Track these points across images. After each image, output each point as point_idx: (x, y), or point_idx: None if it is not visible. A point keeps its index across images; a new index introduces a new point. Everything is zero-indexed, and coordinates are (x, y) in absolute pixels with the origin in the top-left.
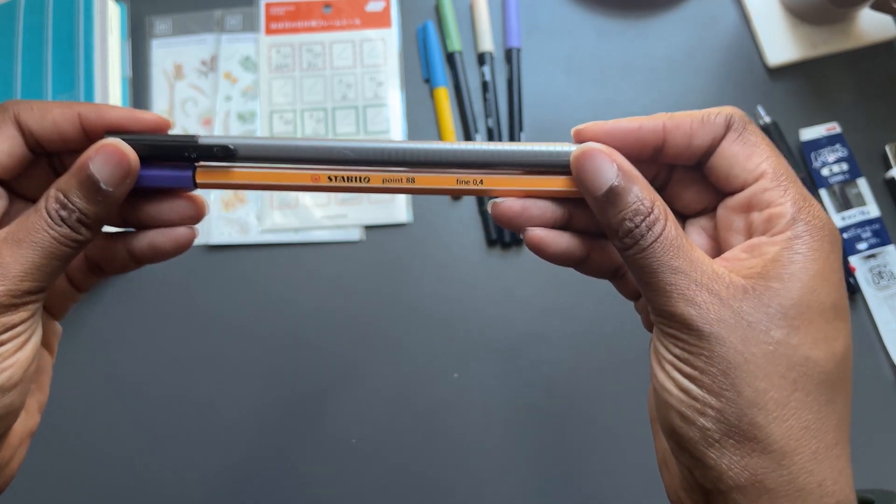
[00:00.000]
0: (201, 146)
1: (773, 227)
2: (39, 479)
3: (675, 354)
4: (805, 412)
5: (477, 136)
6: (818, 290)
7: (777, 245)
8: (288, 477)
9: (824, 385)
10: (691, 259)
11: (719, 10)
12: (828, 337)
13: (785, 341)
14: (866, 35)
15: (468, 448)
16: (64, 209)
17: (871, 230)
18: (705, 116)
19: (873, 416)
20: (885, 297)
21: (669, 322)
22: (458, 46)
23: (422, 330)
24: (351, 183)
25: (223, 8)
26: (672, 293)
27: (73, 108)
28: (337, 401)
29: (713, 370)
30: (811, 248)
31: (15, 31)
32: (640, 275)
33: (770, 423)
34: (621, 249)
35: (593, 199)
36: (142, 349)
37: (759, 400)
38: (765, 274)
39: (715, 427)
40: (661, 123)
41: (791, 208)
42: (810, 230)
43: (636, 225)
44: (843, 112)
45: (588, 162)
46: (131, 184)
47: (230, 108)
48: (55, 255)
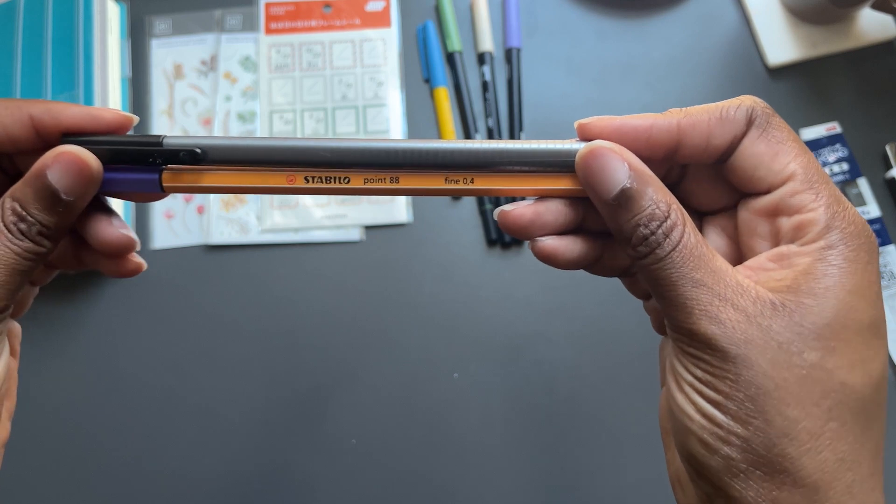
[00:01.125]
0: (166, 151)
1: (805, 235)
2: (40, 479)
3: (696, 376)
4: (840, 443)
5: (477, 135)
6: (855, 307)
7: (809, 256)
8: (288, 477)
9: (861, 413)
10: (714, 270)
11: (719, 10)
12: (865, 359)
13: (819, 365)
14: (866, 35)
15: (468, 448)
16: (23, 222)
17: None
18: (724, 112)
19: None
20: (885, 297)
21: (690, 341)
22: (458, 46)
23: (422, 330)
24: (329, 184)
25: (223, 8)
26: (693, 309)
27: (22, 108)
28: (337, 401)
29: (740, 395)
30: (847, 259)
31: (15, 31)
32: (657, 287)
33: (802, 456)
34: (635, 258)
35: (602, 204)
36: (141, 349)
37: (790, 430)
38: (796, 288)
39: (741, 457)
40: (675, 122)
41: (824, 214)
42: (846, 239)
43: (651, 231)
44: (843, 112)
45: (596, 162)
46: (94, 191)
47: (230, 108)
48: (18, 270)
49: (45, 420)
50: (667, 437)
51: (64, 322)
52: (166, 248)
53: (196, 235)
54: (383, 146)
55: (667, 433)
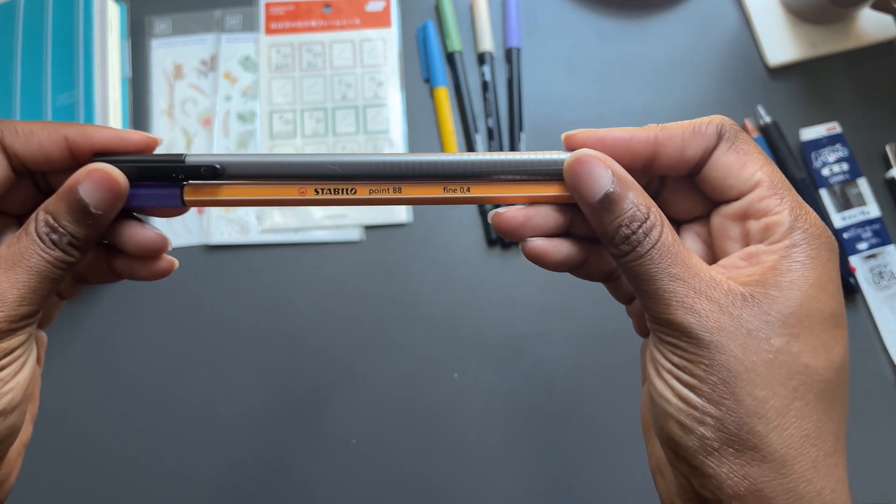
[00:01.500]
0: (188, 166)
1: (771, 236)
2: (40, 480)
3: (673, 363)
4: (805, 421)
5: (477, 135)
6: (817, 298)
7: (775, 253)
8: (288, 477)
9: (824, 393)
10: (689, 266)
11: (719, 10)
12: (826, 345)
13: (785, 349)
14: (866, 35)
15: (468, 448)
16: (54, 233)
17: (871, 230)
18: (696, 127)
19: (873, 416)
20: (885, 297)
21: (668, 330)
22: (458, 46)
23: (422, 330)
24: (338, 195)
25: (223, 8)
26: (671, 301)
27: (59, 130)
28: (337, 401)
29: (713, 378)
30: (809, 256)
31: (15, 31)
32: (637, 282)
33: (770, 433)
34: (617, 256)
35: (588, 207)
36: (141, 349)
37: (759, 409)
38: (763, 282)
39: (714, 436)
40: (652, 135)
41: (788, 217)
42: (808, 238)
43: (633, 231)
44: (844, 112)
45: (582, 168)
46: (121, 206)
47: (230, 108)
48: (49, 277)
49: (45, 420)
50: (647, 431)
51: (64, 322)
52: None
53: (196, 235)
54: (387, 160)
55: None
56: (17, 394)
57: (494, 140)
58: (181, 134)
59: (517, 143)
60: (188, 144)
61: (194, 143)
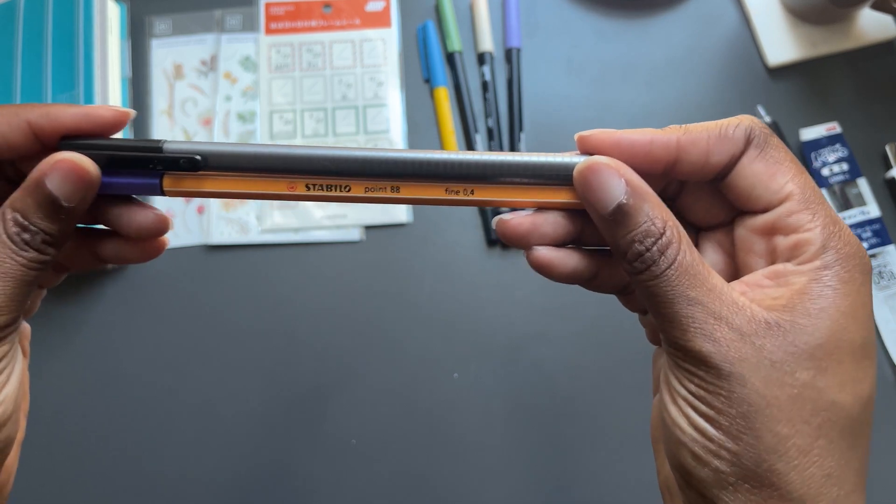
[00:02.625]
0: (166, 158)
1: (801, 255)
2: (39, 479)
3: (689, 391)
4: (828, 460)
5: (477, 135)
6: (848, 329)
7: (805, 275)
8: (288, 476)
9: (848, 430)
10: (709, 288)
11: (719, 10)
12: (855, 379)
13: (811, 384)
14: (866, 35)
15: (468, 448)
16: (25, 231)
17: (871, 230)
18: (723, 130)
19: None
20: (885, 297)
21: (685, 356)
22: (458, 46)
23: (422, 330)
24: (330, 192)
25: (223, 8)
26: (689, 327)
27: (19, 114)
28: (337, 401)
29: (732, 412)
30: (842, 280)
31: (15, 31)
32: (653, 303)
33: (790, 472)
34: (631, 273)
35: (599, 218)
36: (142, 349)
37: (780, 446)
38: (791, 307)
39: (730, 470)
40: (674, 138)
41: (821, 234)
42: (841, 259)
43: (647, 248)
44: (843, 112)
45: (594, 177)
46: (93, 196)
47: (230, 108)
48: (25, 281)
49: (44, 420)
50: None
51: (64, 322)
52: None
53: (196, 235)
54: (384, 156)
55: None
56: (7, 405)
57: (494, 140)
58: (181, 134)
59: (517, 143)
60: None
61: None
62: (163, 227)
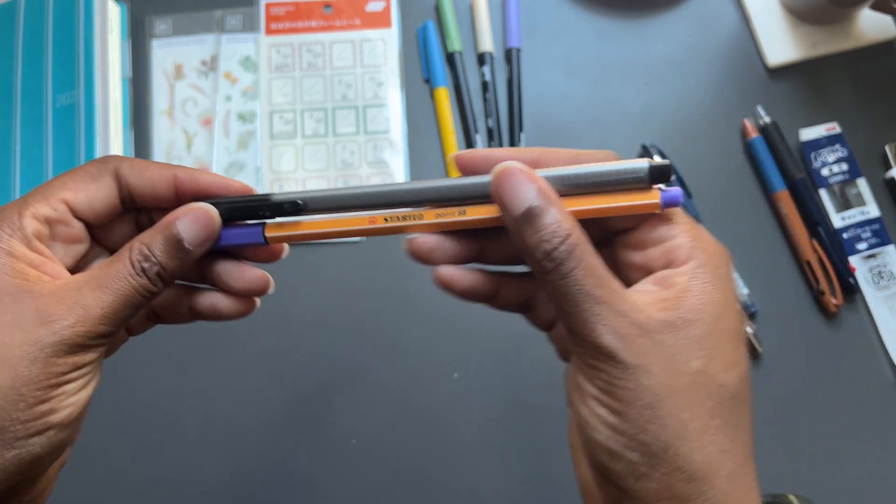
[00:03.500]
0: (274, 204)
1: (675, 260)
2: None
3: (599, 388)
4: (721, 437)
5: (477, 135)
6: (725, 318)
7: (684, 275)
8: (288, 476)
9: (735, 408)
10: (613, 289)
11: (719, 10)
12: (735, 361)
13: (703, 370)
14: (866, 35)
15: (468, 448)
16: (146, 261)
17: (870, 230)
18: (578, 156)
19: (873, 415)
20: (885, 297)
21: (593, 353)
22: (458, 46)
23: (422, 330)
24: (406, 222)
25: (223, 8)
26: (597, 325)
27: (170, 169)
28: (337, 401)
29: (639, 403)
30: (715, 276)
31: (15, 31)
32: (561, 302)
33: (692, 452)
34: (541, 273)
35: (511, 219)
36: (141, 349)
37: (682, 430)
38: (679, 306)
39: (643, 460)
40: (536, 155)
41: (686, 240)
42: (709, 259)
43: (554, 247)
44: (843, 112)
45: (507, 179)
46: (210, 244)
47: (230, 108)
48: (131, 303)
49: None
50: (575, 454)
51: None
52: None
53: None
54: (453, 184)
55: (575, 450)
56: (75, 409)
57: (494, 140)
58: (181, 134)
59: (517, 144)
60: (188, 144)
61: (194, 143)
62: (266, 286)
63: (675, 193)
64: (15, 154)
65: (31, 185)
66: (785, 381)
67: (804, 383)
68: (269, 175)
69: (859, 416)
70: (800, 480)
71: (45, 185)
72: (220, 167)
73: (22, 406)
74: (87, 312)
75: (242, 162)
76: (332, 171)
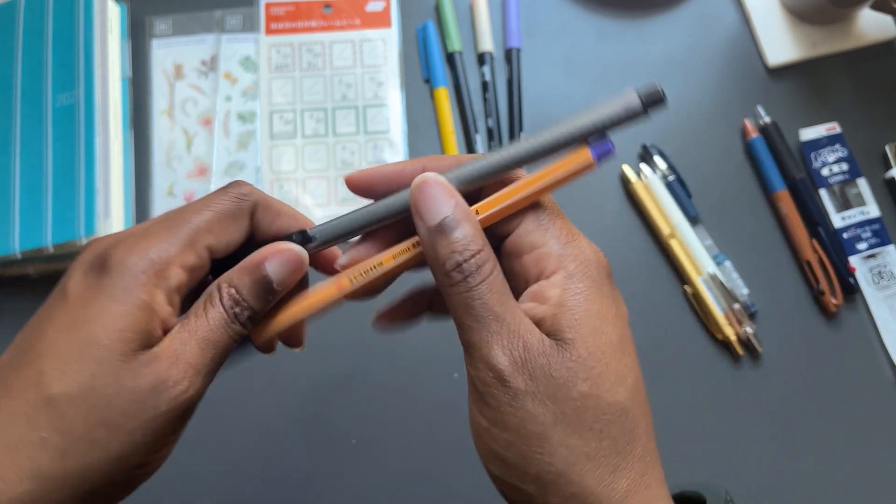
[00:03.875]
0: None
1: (544, 270)
2: None
3: (489, 419)
4: (612, 457)
5: (477, 135)
6: (604, 331)
7: (557, 287)
8: (288, 476)
9: (625, 423)
10: (511, 308)
11: (719, 10)
12: (621, 375)
13: (589, 393)
14: (866, 35)
15: (468, 448)
16: (237, 305)
17: (871, 230)
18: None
19: (873, 415)
20: (885, 297)
21: (485, 376)
22: (458, 46)
23: (422, 330)
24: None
25: (223, 8)
26: (493, 343)
27: (298, 220)
28: (337, 401)
29: (527, 432)
30: (587, 285)
31: (15, 31)
32: (463, 316)
33: (584, 478)
34: (447, 285)
35: (426, 229)
36: None
37: (572, 457)
38: (557, 325)
39: (538, 492)
40: (421, 165)
41: (556, 247)
42: (580, 266)
43: (465, 259)
44: (843, 112)
45: (427, 189)
46: (295, 283)
47: (230, 108)
48: (227, 352)
49: None
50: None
51: None
52: None
53: None
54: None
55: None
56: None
57: (494, 140)
58: (181, 134)
59: None
60: (188, 144)
61: (194, 143)
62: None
63: (606, 145)
64: (15, 154)
65: (31, 185)
66: (785, 381)
67: (804, 383)
68: (269, 175)
69: (859, 416)
70: (799, 480)
71: (184, 219)
72: (220, 167)
73: (124, 469)
74: (198, 373)
75: (242, 162)
76: (332, 171)
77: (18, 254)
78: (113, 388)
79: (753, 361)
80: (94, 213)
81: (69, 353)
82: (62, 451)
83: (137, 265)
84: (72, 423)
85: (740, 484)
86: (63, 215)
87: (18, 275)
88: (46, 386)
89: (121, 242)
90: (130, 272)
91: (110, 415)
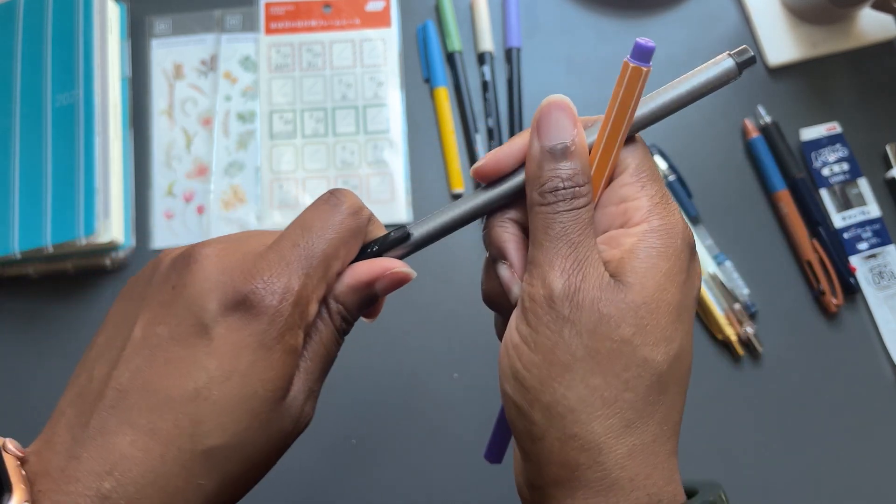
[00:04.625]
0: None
1: (629, 220)
2: None
3: (522, 336)
4: (629, 411)
5: (477, 135)
6: (667, 290)
7: (633, 237)
8: (287, 476)
9: (655, 384)
10: (587, 242)
11: (719, 10)
12: (668, 337)
13: (629, 340)
14: (866, 35)
15: (468, 448)
16: (345, 322)
17: (871, 230)
18: None
19: (873, 415)
20: (885, 297)
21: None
22: (458, 46)
23: (422, 330)
24: None
25: (223, 8)
26: (556, 264)
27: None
28: (337, 400)
29: (555, 359)
30: (665, 243)
31: (15, 31)
32: (540, 232)
33: (592, 421)
34: (537, 203)
35: (539, 148)
36: None
37: (589, 397)
38: (622, 267)
39: (542, 421)
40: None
41: (647, 203)
42: (664, 226)
43: (564, 187)
44: (844, 112)
45: (554, 112)
46: None
47: (230, 107)
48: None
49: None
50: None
51: (64, 322)
52: (166, 248)
53: (196, 235)
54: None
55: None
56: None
57: (494, 140)
58: (181, 134)
59: None
60: (188, 144)
61: (194, 143)
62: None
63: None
64: (14, 154)
65: (31, 185)
66: (785, 381)
67: (804, 383)
68: (268, 175)
69: (860, 416)
70: (799, 480)
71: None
72: (220, 167)
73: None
74: (315, 394)
75: (242, 162)
76: (332, 170)
77: (18, 254)
78: (265, 436)
79: (754, 361)
80: (93, 213)
81: (226, 406)
82: (217, 493)
83: (285, 308)
84: (228, 471)
85: (740, 483)
86: (62, 215)
87: (18, 275)
88: (203, 437)
89: (257, 275)
90: (280, 315)
91: (261, 458)
